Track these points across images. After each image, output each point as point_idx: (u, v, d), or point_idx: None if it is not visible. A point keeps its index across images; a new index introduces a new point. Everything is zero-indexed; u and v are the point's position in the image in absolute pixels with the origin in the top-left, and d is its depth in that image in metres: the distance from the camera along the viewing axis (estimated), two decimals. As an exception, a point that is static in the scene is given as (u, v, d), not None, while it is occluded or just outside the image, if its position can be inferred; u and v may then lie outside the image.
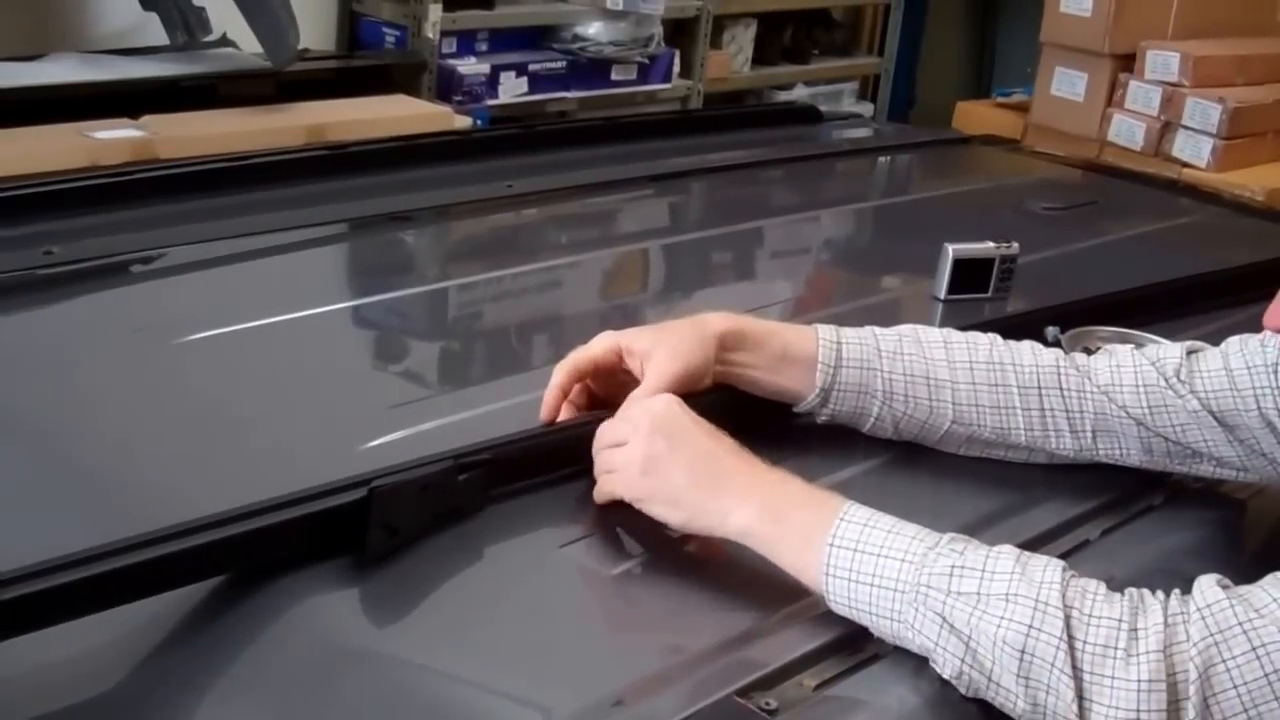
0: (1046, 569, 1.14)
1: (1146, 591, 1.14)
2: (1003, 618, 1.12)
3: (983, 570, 1.15)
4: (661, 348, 1.44)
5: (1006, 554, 1.16)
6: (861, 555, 1.19)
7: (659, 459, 1.31)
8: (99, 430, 1.51)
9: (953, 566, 1.16)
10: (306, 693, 1.14)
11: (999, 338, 1.53)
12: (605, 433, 1.38)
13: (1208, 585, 1.13)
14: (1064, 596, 1.12)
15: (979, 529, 1.31)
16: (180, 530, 1.17)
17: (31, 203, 2.14)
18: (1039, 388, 1.49)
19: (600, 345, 1.46)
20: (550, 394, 1.46)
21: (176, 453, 1.46)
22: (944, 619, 1.14)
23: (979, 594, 1.14)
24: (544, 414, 1.45)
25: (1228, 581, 1.13)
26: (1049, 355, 1.51)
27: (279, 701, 1.14)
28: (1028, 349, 1.51)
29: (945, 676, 1.15)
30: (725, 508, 1.27)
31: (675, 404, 1.36)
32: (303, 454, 1.46)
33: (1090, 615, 1.11)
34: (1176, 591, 1.13)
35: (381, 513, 1.26)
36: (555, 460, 1.41)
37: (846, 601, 1.20)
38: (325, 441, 1.49)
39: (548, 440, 1.43)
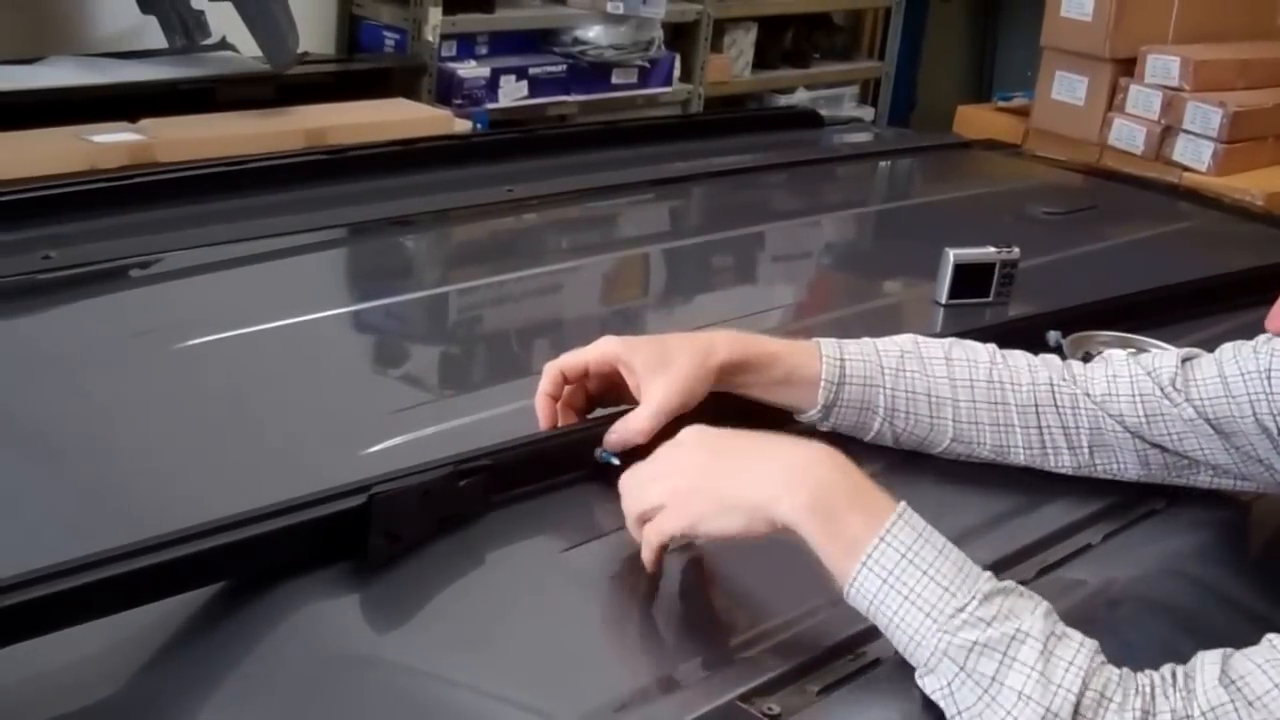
0: (1069, 671, 1.09)
1: (1159, 690, 1.10)
2: (1009, 715, 1.09)
3: (1004, 655, 1.10)
4: (660, 379, 1.41)
5: (1034, 640, 1.11)
6: (889, 589, 1.14)
7: (703, 471, 1.25)
8: (99, 435, 1.51)
9: (974, 643, 1.11)
10: (309, 700, 1.14)
11: (998, 351, 1.53)
12: (636, 475, 1.31)
13: (1211, 685, 1.09)
14: (1077, 708, 1.08)
15: (981, 532, 1.31)
16: (181, 536, 1.17)
17: (30, 207, 2.14)
18: (1036, 406, 1.49)
19: (595, 353, 1.45)
20: (540, 401, 1.45)
21: (177, 458, 1.46)
22: (951, 690, 1.12)
23: (993, 680, 1.10)
24: (541, 422, 1.45)
25: (1230, 675, 1.09)
26: (1044, 372, 1.51)
27: (281, 709, 1.14)
28: (1024, 365, 1.51)
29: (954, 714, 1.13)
30: (775, 495, 1.19)
31: (695, 429, 1.31)
32: (304, 459, 1.46)
33: None
34: (1184, 688, 1.10)
35: (382, 519, 1.26)
36: (556, 464, 1.41)
37: (866, 612, 1.16)
38: (326, 447, 1.49)
39: (547, 445, 1.42)
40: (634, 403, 1.43)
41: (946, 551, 1.16)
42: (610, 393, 1.47)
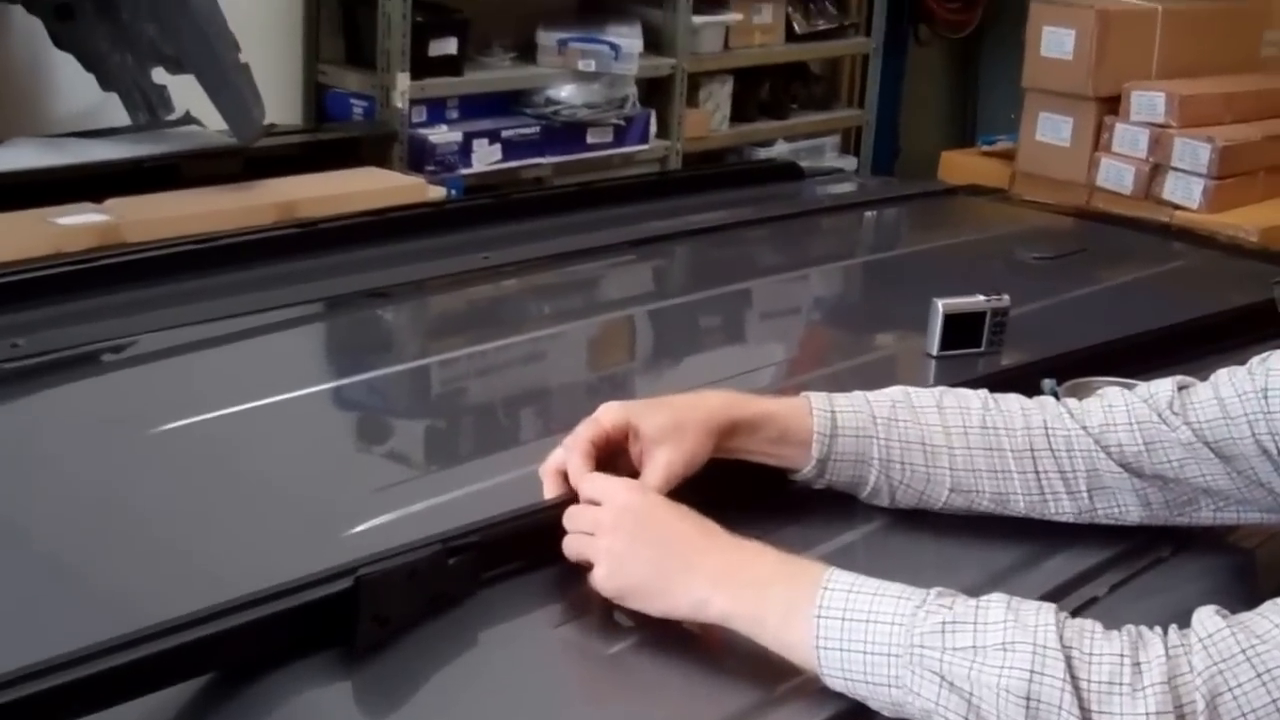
0: (1040, 613, 1.16)
1: (1144, 627, 1.15)
2: (1003, 667, 1.13)
3: (975, 622, 1.16)
4: (669, 445, 1.43)
5: (996, 602, 1.17)
6: (850, 623, 1.20)
7: (625, 554, 1.32)
8: (72, 527, 1.51)
9: (943, 623, 1.16)
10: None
11: (990, 397, 1.54)
12: (574, 518, 1.38)
13: (1207, 616, 1.15)
14: (1062, 638, 1.13)
15: (984, 589, 1.30)
16: (161, 630, 1.16)
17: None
18: (1031, 450, 1.50)
19: (610, 420, 1.45)
20: (553, 475, 1.44)
21: (154, 548, 1.46)
22: (942, 677, 1.15)
23: (975, 647, 1.14)
24: (548, 493, 1.44)
25: (1226, 611, 1.15)
26: (1037, 415, 1.52)
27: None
28: (1018, 410, 1.53)
29: None
30: (702, 594, 1.27)
31: (637, 493, 1.37)
32: (286, 544, 1.45)
33: (1091, 653, 1.12)
34: (1174, 625, 1.15)
35: (370, 602, 1.25)
36: (547, 539, 1.40)
37: (841, 674, 1.20)
38: (309, 530, 1.49)
39: (538, 519, 1.41)
40: (631, 468, 1.44)
41: (885, 583, 1.23)
42: (610, 459, 1.47)
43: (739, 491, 1.46)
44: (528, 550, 1.39)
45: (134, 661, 1.14)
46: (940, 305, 2.02)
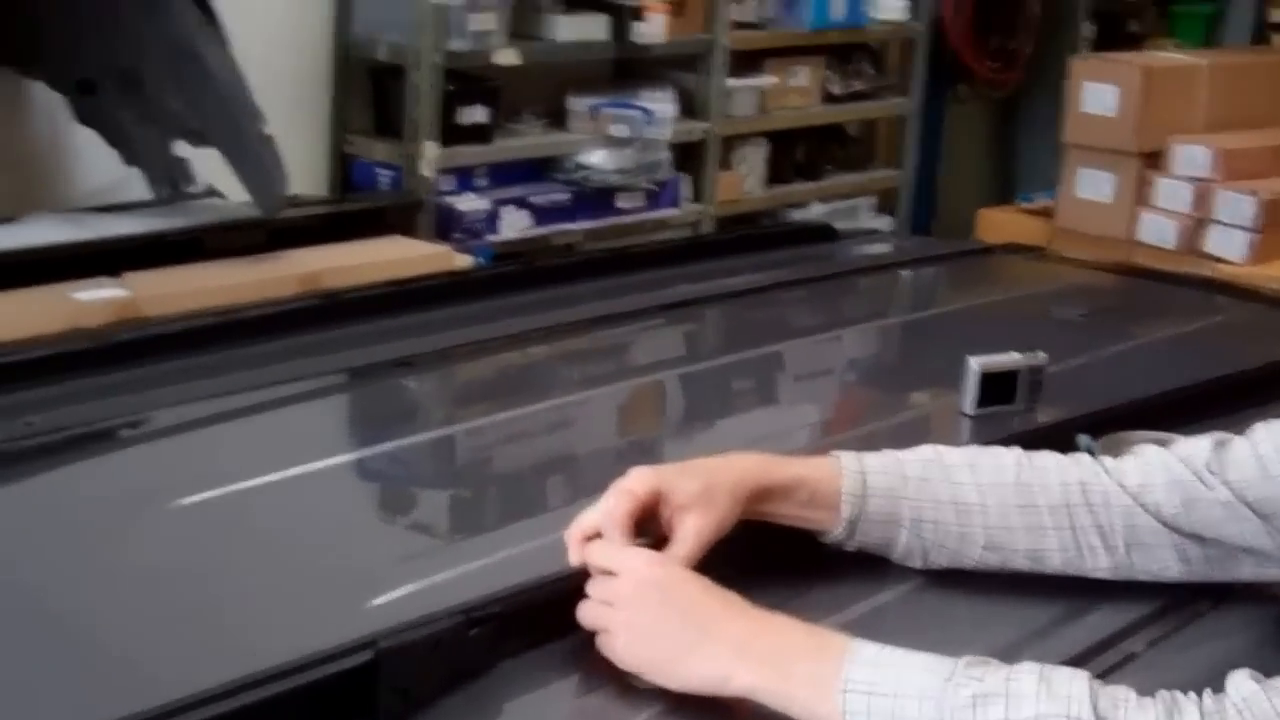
0: (1073, 682, 1.15)
1: (1178, 693, 1.14)
2: None
3: (1007, 694, 1.15)
4: (699, 511, 1.42)
5: (1028, 672, 1.16)
6: (877, 698, 1.19)
7: (646, 628, 1.32)
8: (93, 603, 1.51)
9: (974, 696, 1.16)
10: None
11: (1024, 454, 1.54)
12: (595, 588, 1.37)
13: (1242, 680, 1.14)
14: (1096, 708, 1.12)
15: (1020, 647, 1.31)
16: (182, 705, 1.17)
17: (11, 371, 2.15)
18: (1067, 505, 1.49)
19: (643, 487, 1.43)
20: (580, 543, 1.42)
21: (176, 620, 1.46)
22: None
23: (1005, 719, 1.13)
24: (577, 559, 1.42)
25: (1259, 675, 1.14)
26: (1073, 471, 1.51)
27: None
28: (1053, 466, 1.52)
29: None
30: (725, 668, 1.27)
31: (659, 566, 1.37)
32: (308, 615, 1.45)
33: None
34: (1208, 690, 1.14)
35: (391, 675, 1.25)
36: (569, 608, 1.39)
37: (863, 713, 1.19)
38: (331, 600, 1.49)
39: (559, 588, 1.40)
40: (659, 532, 1.43)
41: (912, 653, 1.22)
42: (642, 523, 1.46)
43: (767, 552, 1.45)
44: (551, 619, 1.38)
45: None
46: (974, 363, 2.01)
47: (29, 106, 3.93)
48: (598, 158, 5.02)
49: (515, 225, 4.80)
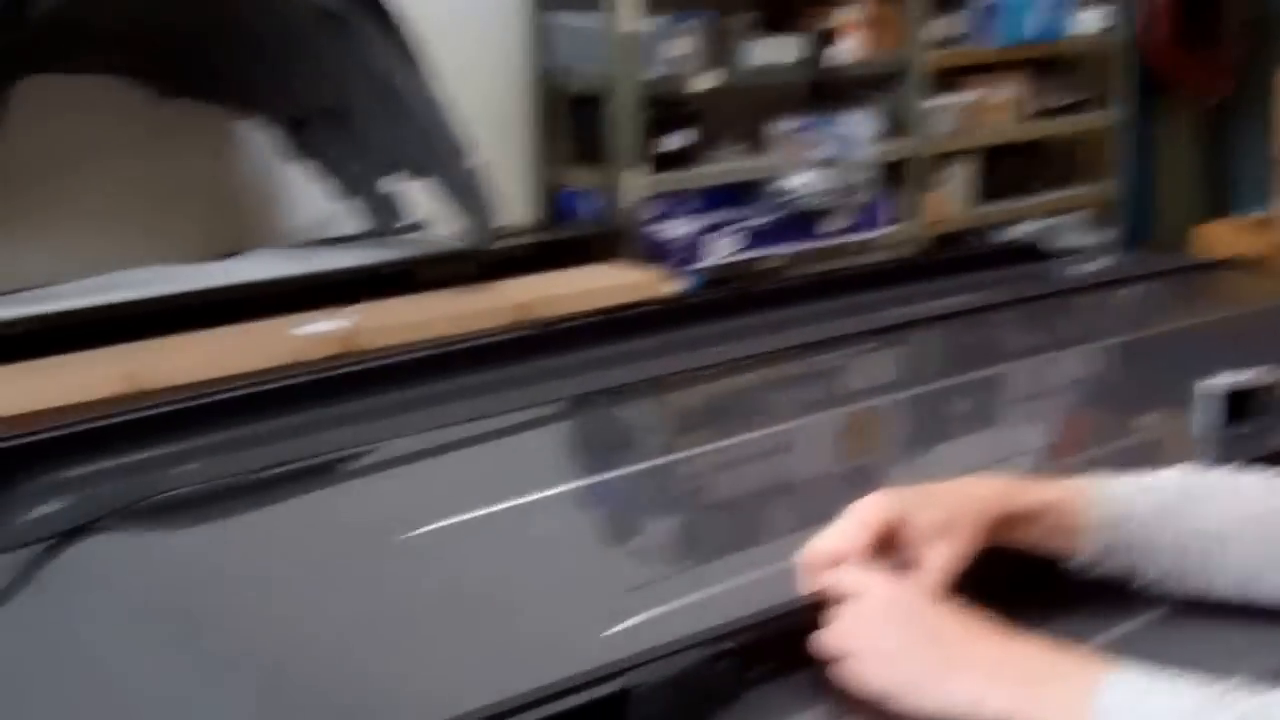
0: None
1: None
2: None
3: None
4: (943, 542, 1.42)
5: None
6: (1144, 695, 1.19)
7: (893, 651, 1.32)
8: (328, 637, 1.54)
9: (1238, 717, 1.14)
10: None
11: (1273, 482, 1.51)
12: (837, 613, 1.37)
13: None
14: None
15: (1273, 677, 1.28)
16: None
17: (241, 405, 2.22)
18: None
19: (883, 512, 1.43)
20: (814, 568, 1.43)
21: (409, 653, 1.49)
22: None
23: None
24: (814, 585, 1.42)
25: None
26: None
27: None
28: None
29: None
30: (976, 692, 1.26)
31: (902, 588, 1.37)
32: (542, 645, 1.48)
33: None
34: None
35: (637, 708, 1.27)
36: (810, 636, 1.39)
37: None
38: (564, 631, 1.51)
39: (801, 616, 1.40)
40: (896, 560, 1.43)
41: (1167, 679, 1.21)
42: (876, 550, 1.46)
43: (1004, 576, 1.46)
44: (792, 648, 1.38)
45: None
46: (1206, 385, 1.99)
47: (243, 146, 4.04)
48: (800, 180, 5.03)
49: (722, 250, 4.83)
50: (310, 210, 4.04)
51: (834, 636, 1.36)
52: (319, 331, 3.06)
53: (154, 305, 3.23)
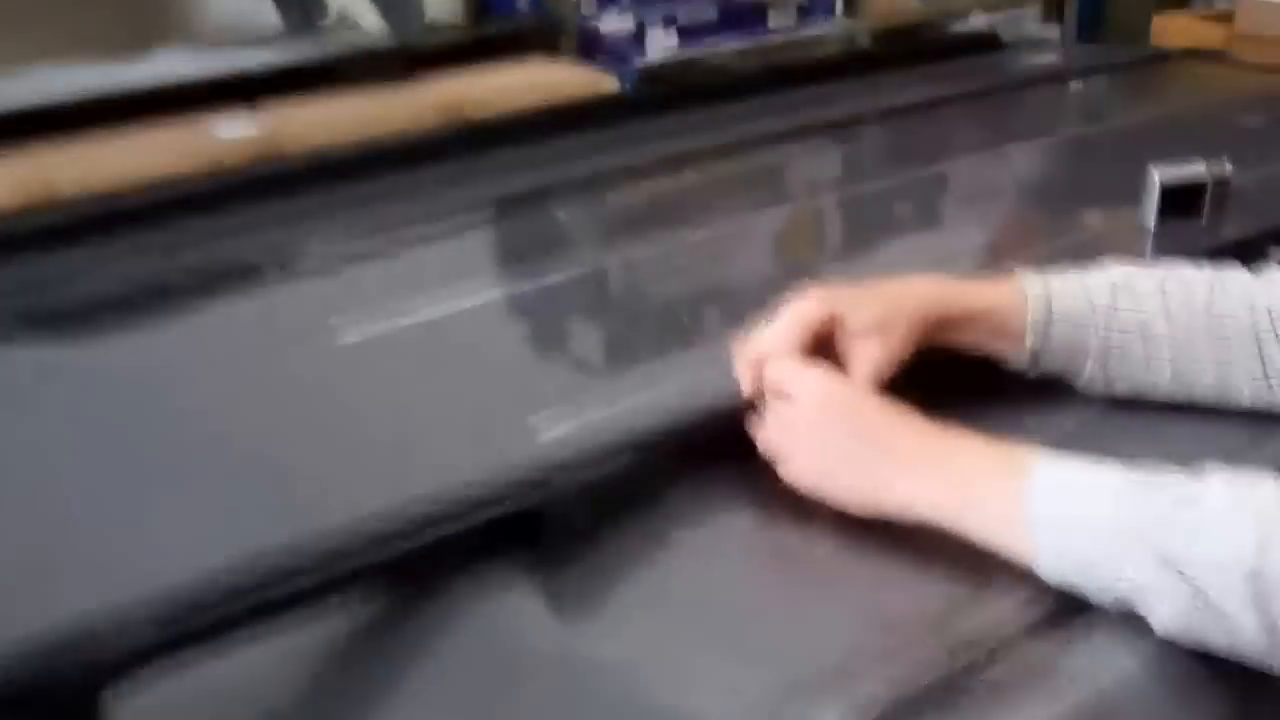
0: (1262, 483, 1.12)
1: None
2: (1225, 540, 1.09)
3: (1194, 498, 1.12)
4: (876, 340, 1.41)
5: (1213, 473, 1.14)
6: (1064, 510, 1.18)
7: (827, 447, 1.32)
8: (255, 428, 1.54)
9: (1165, 502, 1.13)
10: (492, 695, 1.15)
11: (1216, 277, 1.49)
12: (771, 410, 1.37)
13: None
14: None
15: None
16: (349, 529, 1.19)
17: (156, 209, 2.18)
18: (1256, 336, 1.45)
19: (818, 310, 1.42)
20: (749, 368, 1.42)
21: (344, 452, 1.48)
22: (1164, 557, 1.11)
23: (1195, 521, 1.11)
24: (746, 390, 1.42)
25: None
26: (1263, 297, 1.47)
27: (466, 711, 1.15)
28: (1243, 291, 1.48)
29: (1163, 625, 1.12)
30: (908, 487, 1.26)
31: (839, 383, 1.36)
32: (472, 451, 1.46)
33: None
34: None
35: (557, 506, 1.27)
36: (740, 435, 1.40)
37: (1056, 564, 1.18)
38: (491, 438, 1.50)
39: (730, 414, 1.40)
40: (830, 357, 1.41)
41: (1097, 464, 1.21)
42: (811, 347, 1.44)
43: (941, 377, 1.45)
44: (720, 447, 1.38)
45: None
46: (1156, 175, 1.98)
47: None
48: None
49: (661, 46, 4.77)
50: (226, 5, 3.97)
51: (768, 432, 1.36)
52: (237, 135, 3.01)
53: (61, 107, 3.16)
